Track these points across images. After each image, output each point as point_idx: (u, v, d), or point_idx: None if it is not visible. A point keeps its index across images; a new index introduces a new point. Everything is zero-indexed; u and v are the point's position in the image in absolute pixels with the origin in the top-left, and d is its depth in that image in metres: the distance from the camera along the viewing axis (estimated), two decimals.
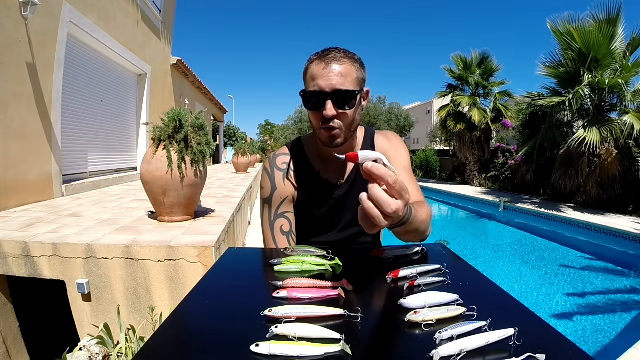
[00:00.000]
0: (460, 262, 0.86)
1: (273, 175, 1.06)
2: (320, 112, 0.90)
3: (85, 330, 2.21)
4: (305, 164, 1.06)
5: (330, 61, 0.88)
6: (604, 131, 6.86)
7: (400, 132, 20.70)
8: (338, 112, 0.89)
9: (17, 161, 3.57)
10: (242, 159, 9.24)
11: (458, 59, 11.83)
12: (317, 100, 0.89)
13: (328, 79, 0.87)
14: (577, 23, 7.25)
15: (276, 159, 1.08)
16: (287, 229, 1.03)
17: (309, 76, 0.91)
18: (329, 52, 0.91)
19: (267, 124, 45.45)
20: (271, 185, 1.05)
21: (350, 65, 0.90)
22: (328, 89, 0.87)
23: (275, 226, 1.03)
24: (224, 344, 0.51)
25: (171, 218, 2.83)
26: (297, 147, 1.09)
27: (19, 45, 3.53)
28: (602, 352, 2.77)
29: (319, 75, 0.88)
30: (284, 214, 1.04)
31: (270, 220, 1.04)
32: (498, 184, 11.26)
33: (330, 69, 0.88)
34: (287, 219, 1.03)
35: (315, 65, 0.90)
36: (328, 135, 0.93)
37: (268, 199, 1.05)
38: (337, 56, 0.89)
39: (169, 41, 8.81)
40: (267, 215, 1.05)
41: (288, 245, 0.99)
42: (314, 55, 0.93)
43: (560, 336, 0.53)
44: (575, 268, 4.89)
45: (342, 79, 0.88)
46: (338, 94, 0.88)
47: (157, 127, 2.70)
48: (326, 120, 0.90)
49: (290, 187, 1.05)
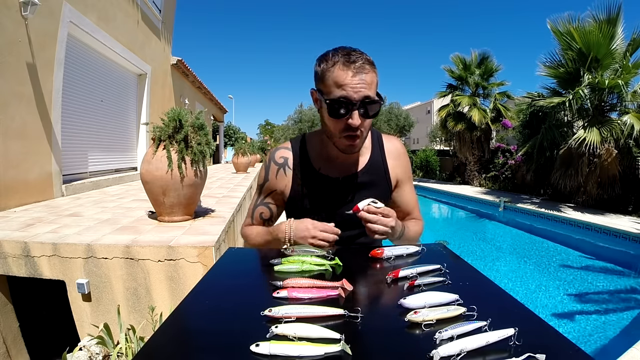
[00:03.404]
0: (460, 262, 0.86)
1: (269, 168, 1.11)
2: (344, 120, 0.89)
3: (85, 330, 2.21)
4: (306, 160, 1.07)
5: (358, 70, 0.86)
6: (604, 131, 6.86)
7: (400, 132, 20.70)
8: (362, 121, 0.90)
9: (17, 161, 3.57)
10: (242, 159, 9.24)
11: (458, 59, 11.82)
12: (343, 109, 0.88)
13: (357, 89, 0.86)
14: (577, 23, 7.24)
15: (275, 153, 1.12)
16: (266, 216, 1.14)
17: (333, 81, 0.88)
18: (354, 58, 0.88)
19: (267, 124, 45.45)
20: (264, 176, 1.12)
21: (374, 74, 0.90)
22: (357, 98, 0.86)
23: (257, 210, 1.15)
24: (224, 344, 0.51)
25: (171, 218, 2.83)
26: (300, 144, 1.10)
27: (19, 45, 3.53)
28: (602, 352, 2.77)
29: (346, 83, 0.86)
30: (267, 204, 1.13)
31: (256, 204, 1.15)
32: (498, 184, 11.26)
33: (358, 78, 0.86)
34: (269, 208, 1.13)
35: (341, 70, 0.87)
36: (349, 144, 0.94)
37: (260, 186, 1.15)
38: (364, 66, 0.87)
39: (169, 41, 8.81)
40: (254, 198, 1.17)
41: (262, 224, 1.14)
42: (334, 55, 0.90)
43: (560, 336, 0.53)
44: (575, 268, 4.88)
45: (368, 89, 0.87)
46: (365, 104, 0.88)
47: (157, 127, 2.70)
48: (350, 129, 0.90)
49: (281, 182, 1.09)
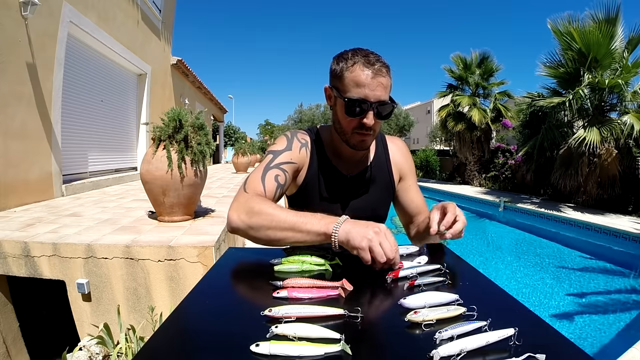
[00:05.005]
0: (460, 262, 0.86)
1: (292, 141, 1.05)
2: (358, 119, 0.93)
3: (85, 330, 2.21)
4: (320, 150, 1.08)
5: (377, 72, 0.91)
6: (604, 131, 6.86)
7: (400, 132, 20.70)
8: (375, 121, 0.93)
9: (17, 161, 3.57)
10: (242, 159, 9.25)
11: (458, 59, 11.82)
12: (359, 108, 0.91)
13: (375, 90, 0.90)
14: (577, 23, 7.24)
15: (297, 133, 1.09)
16: (282, 181, 0.96)
17: (352, 80, 0.91)
18: (374, 60, 0.91)
19: (267, 123, 45.39)
20: (286, 145, 1.03)
21: (389, 78, 0.94)
22: (373, 99, 0.90)
23: (271, 172, 0.96)
24: (224, 344, 0.51)
25: (171, 218, 2.82)
26: (315, 134, 1.11)
27: (19, 45, 3.53)
28: (602, 352, 2.77)
29: (366, 83, 0.90)
30: (284, 169, 0.98)
31: (267, 165, 0.98)
32: (498, 184, 11.25)
33: (377, 80, 0.90)
34: (284, 174, 0.98)
35: (361, 71, 0.90)
36: (361, 140, 0.97)
37: (276, 152, 1.00)
38: (382, 69, 0.91)
39: (169, 41, 8.80)
40: (266, 161, 0.99)
41: (273, 194, 0.94)
42: (353, 55, 0.93)
43: (560, 336, 0.53)
44: (575, 268, 4.88)
45: (384, 91, 0.92)
46: (381, 106, 0.92)
47: (157, 127, 2.70)
48: (363, 127, 0.93)
49: (303, 158, 1.04)
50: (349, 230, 0.75)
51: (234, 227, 0.87)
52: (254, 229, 0.84)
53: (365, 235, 0.73)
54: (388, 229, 0.77)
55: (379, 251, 0.72)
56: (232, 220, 0.87)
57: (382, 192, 1.12)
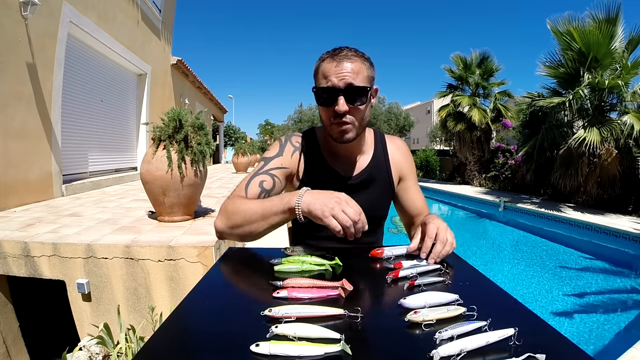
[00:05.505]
0: (460, 262, 0.86)
1: (284, 146, 1.08)
2: (332, 107, 0.93)
3: (85, 330, 2.21)
4: (316, 151, 1.08)
5: (342, 59, 0.92)
6: (604, 131, 6.86)
7: (400, 132, 20.72)
8: (350, 108, 0.92)
9: (17, 161, 3.57)
10: (242, 159, 9.25)
11: (458, 59, 11.81)
12: (329, 96, 0.92)
13: (340, 76, 0.91)
14: (577, 23, 7.24)
15: (291, 137, 1.11)
16: (267, 186, 0.98)
17: (321, 74, 0.94)
18: (340, 51, 0.94)
19: (267, 123, 45.40)
20: (278, 151, 1.06)
21: (361, 63, 0.94)
22: (340, 85, 0.91)
23: (256, 179, 0.99)
24: (224, 344, 0.51)
25: (171, 218, 2.83)
26: (311, 135, 1.12)
27: (19, 45, 3.53)
28: (602, 352, 2.77)
29: (331, 72, 0.91)
30: (273, 174, 1.01)
31: (256, 172, 1.02)
32: (498, 184, 11.25)
33: (342, 66, 0.91)
34: (273, 178, 1.01)
35: (327, 63, 0.93)
36: (339, 130, 0.96)
37: (267, 159, 1.05)
38: (348, 54, 0.93)
39: (169, 41, 8.80)
40: (257, 169, 1.03)
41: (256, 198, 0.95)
42: (325, 53, 0.97)
43: (560, 336, 0.53)
44: (575, 268, 4.88)
45: (353, 76, 0.91)
46: (350, 90, 0.91)
47: (157, 127, 2.70)
48: (338, 116, 0.93)
49: (294, 163, 1.07)
50: (310, 201, 0.78)
51: (218, 231, 0.93)
52: (234, 228, 0.90)
53: (326, 204, 0.75)
54: (349, 197, 0.78)
55: (343, 217, 0.73)
56: (216, 225, 0.93)
57: (381, 193, 1.11)
